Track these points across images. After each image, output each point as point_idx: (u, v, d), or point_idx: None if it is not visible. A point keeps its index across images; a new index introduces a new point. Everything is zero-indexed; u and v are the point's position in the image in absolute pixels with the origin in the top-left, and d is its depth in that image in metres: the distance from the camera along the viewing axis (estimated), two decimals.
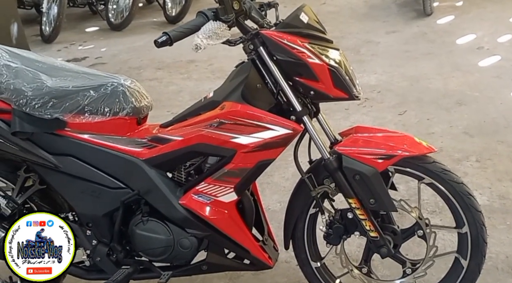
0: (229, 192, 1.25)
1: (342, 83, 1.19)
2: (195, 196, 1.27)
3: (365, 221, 1.23)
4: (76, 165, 1.32)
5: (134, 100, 1.34)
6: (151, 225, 1.31)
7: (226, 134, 1.22)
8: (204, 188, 1.26)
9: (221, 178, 1.24)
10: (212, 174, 1.26)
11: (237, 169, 1.23)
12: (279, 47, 1.18)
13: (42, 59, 1.39)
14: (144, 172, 1.29)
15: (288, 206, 1.35)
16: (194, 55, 3.83)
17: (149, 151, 1.30)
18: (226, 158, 1.24)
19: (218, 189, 1.26)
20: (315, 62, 1.17)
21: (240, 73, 1.27)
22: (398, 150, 1.19)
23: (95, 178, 1.32)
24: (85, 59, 4.23)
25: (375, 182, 1.19)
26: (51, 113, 1.30)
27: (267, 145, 1.20)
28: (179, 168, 1.33)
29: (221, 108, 1.24)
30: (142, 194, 1.30)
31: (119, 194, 1.31)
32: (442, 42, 3.67)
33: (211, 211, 1.27)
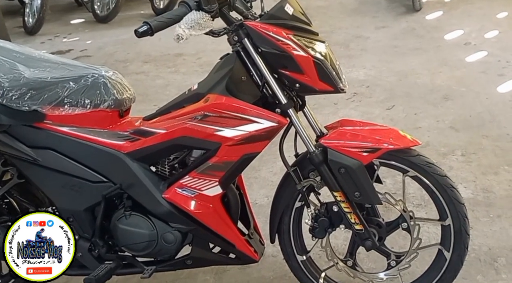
0: (214, 185, 1.24)
1: (327, 76, 1.19)
2: (179, 190, 1.26)
3: (350, 214, 1.24)
4: (55, 158, 1.29)
5: (116, 92, 1.32)
6: (134, 219, 1.29)
7: (210, 127, 1.21)
8: (188, 181, 1.25)
9: (206, 172, 1.23)
10: (196, 168, 1.25)
11: (221, 162, 1.22)
12: (263, 39, 1.17)
13: (20, 49, 1.36)
14: (126, 165, 1.28)
15: (274, 200, 1.35)
16: (181, 48, 3.80)
17: (132, 144, 1.28)
18: (210, 151, 1.23)
19: (203, 183, 1.24)
20: (300, 54, 1.16)
21: (225, 65, 1.25)
22: (383, 143, 1.20)
23: (75, 172, 1.30)
24: (69, 52, 4.16)
25: (360, 175, 1.19)
26: (29, 105, 1.27)
27: (252, 138, 1.19)
28: (163, 161, 1.32)
29: (205, 100, 1.23)
30: (124, 188, 1.29)
31: (101, 188, 1.29)
32: (431, 37, 3.69)
33: (195, 205, 1.26)
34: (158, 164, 1.32)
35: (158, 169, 1.33)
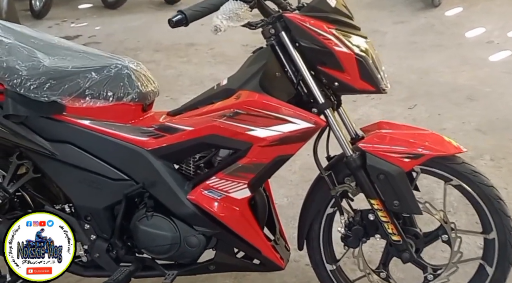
0: (242, 188, 1.18)
1: (369, 74, 1.11)
2: (205, 191, 1.20)
3: (388, 223, 1.17)
4: (74, 153, 1.23)
5: (140, 84, 1.25)
6: (156, 220, 1.23)
7: (241, 126, 1.14)
8: (215, 183, 1.19)
9: (234, 173, 1.17)
10: (224, 168, 1.18)
11: (252, 164, 1.15)
12: (303, 32, 1.09)
13: (38, 35, 1.28)
14: (149, 163, 1.21)
15: (304, 205, 1.28)
16: (193, 38, 3.71)
17: (156, 140, 1.21)
18: (240, 152, 1.16)
19: (231, 185, 1.18)
20: (342, 50, 1.09)
21: (258, 60, 1.18)
22: (426, 149, 1.12)
23: (95, 168, 1.23)
24: (77, 38, 4.07)
25: (400, 183, 1.12)
26: (48, 96, 1.20)
27: (286, 139, 1.12)
28: (188, 160, 1.25)
29: (237, 97, 1.16)
30: (146, 187, 1.22)
31: (122, 186, 1.22)
32: (451, 34, 3.60)
33: (221, 207, 1.20)
34: (183, 162, 1.26)
35: (182, 168, 1.26)
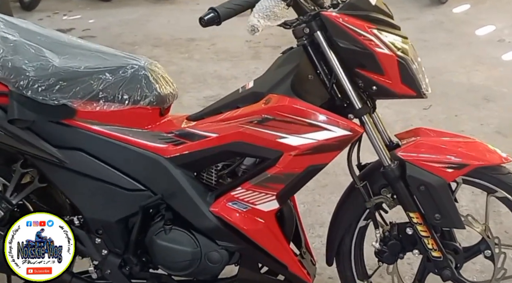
0: (270, 200, 1.11)
1: (411, 78, 1.04)
2: (229, 203, 1.12)
3: (428, 238, 1.11)
4: (86, 161, 1.14)
5: (158, 87, 1.16)
6: (175, 234, 1.15)
7: (271, 133, 1.06)
8: (241, 194, 1.11)
9: (262, 184, 1.09)
10: (250, 178, 1.11)
11: (282, 174, 1.08)
12: (342, 32, 1.02)
13: (45, 32, 1.19)
14: (168, 172, 1.13)
15: (335, 217, 1.21)
16: (194, 33, 3.61)
17: (175, 148, 1.14)
18: (269, 161, 1.09)
19: (258, 196, 1.11)
20: (384, 52, 1.02)
21: (289, 61, 1.10)
22: (470, 158, 1.06)
23: (108, 177, 1.15)
24: (71, 31, 3.94)
25: (442, 195, 1.06)
26: (57, 99, 1.12)
27: (320, 148, 1.05)
28: (209, 169, 1.17)
29: (266, 102, 1.09)
30: (165, 198, 1.14)
31: (138, 197, 1.15)
32: (461, 32, 3.56)
33: (247, 220, 1.13)
34: (204, 171, 1.18)
35: (203, 177, 1.18)
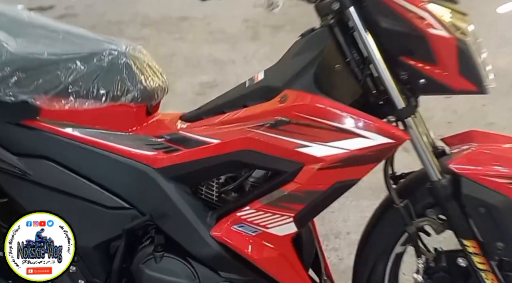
0: (286, 222, 0.91)
1: (472, 68, 0.83)
2: (234, 226, 0.93)
3: (486, 272, 0.90)
4: (53, 172, 0.94)
5: (143, 79, 0.95)
6: (168, 263, 0.96)
7: (289, 140, 0.85)
8: (249, 215, 0.91)
9: (277, 203, 0.89)
10: (261, 196, 0.90)
11: (302, 192, 0.87)
12: (385, 8, 0.80)
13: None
14: (158, 186, 0.93)
15: (365, 241, 1.01)
16: (186, 11, 3.35)
17: (167, 156, 0.93)
18: (286, 175, 0.88)
19: (270, 218, 0.91)
20: (440, 34, 0.80)
21: (310, 46, 0.88)
22: None
23: (82, 192, 0.95)
24: (52, 9, 3.64)
25: (507, 218, 0.85)
26: (15, 94, 0.90)
27: (352, 160, 0.84)
28: (209, 182, 0.96)
29: (282, 99, 0.87)
30: (155, 219, 0.93)
31: (120, 217, 0.95)
32: (481, 11, 3.30)
33: (257, 247, 0.93)
34: (203, 185, 0.97)
35: (202, 192, 0.97)
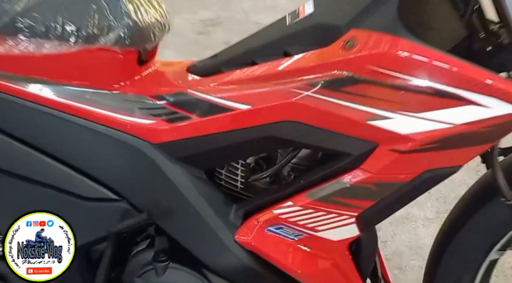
0: (345, 224, 0.65)
1: None
2: (270, 228, 0.67)
3: None
4: (5, 148, 0.69)
5: (133, 10, 0.66)
6: (174, 277, 0.71)
7: (356, 108, 0.57)
8: (292, 213, 0.65)
9: (332, 199, 0.64)
10: (310, 187, 0.64)
11: (372, 184, 0.61)
12: None
13: None
14: (159, 170, 0.66)
15: (447, 244, 0.77)
16: None
17: (171, 126, 0.65)
18: (348, 159, 0.61)
19: (323, 218, 0.66)
20: None
21: None
22: None
23: (50, 178, 0.70)
24: None
25: None
26: None
27: (457, 139, 0.57)
28: (232, 165, 0.69)
29: (347, 44, 0.57)
30: (155, 217, 0.68)
31: (104, 212, 0.71)
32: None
33: (301, 257, 0.70)
34: (223, 168, 0.70)
35: (221, 179, 0.71)
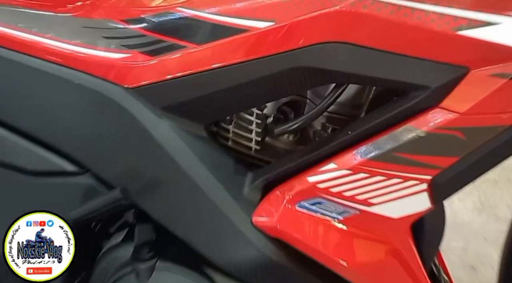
0: (414, 192, 0.46)
1: None
2: (302, 204, 0.48)
3: None
4: None
5: None
6: (164, 281, 0.52)
7: (438, 13, 0.38)
8: (334, 180, 0.47)
9: (396, 157, 0.44)
10: (362, 142, 0.45)
11: (459, 130, 0.42)
12: None
13: None
14: (138, 126, 0.49)
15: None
16: None
17: (154, 61, 0.47)
18: (424, 94, 0.41)
19: (380, 186, 0.46)
20: None
21: None
22: None
23: None
24: None
25: None
26: None
27: None
28: (242, 117, 0.52)
29: None
30: (133, 196, 0.51)
31: (59, 189, 0.57)
32: None
33: (348, 243, 0.50)
34: (230, 122, 0.52)
35: (227, 137, 0.54)
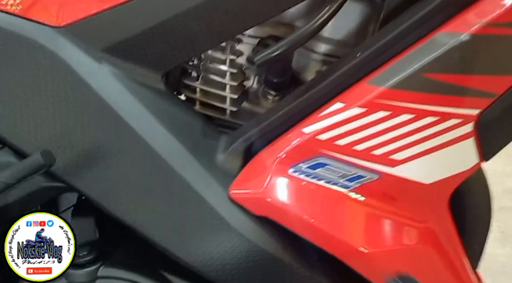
0: (454, 139, 0.32)
1: None
2: (299, 166, 0.35)
3: None
4: None
5: None
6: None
7: None
8: (342, 125, 0.34)
9: (421, 80, 0.32)
10: (371, 67, 0.34)
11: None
12: None
13: None
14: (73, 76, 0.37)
15: None
16: None
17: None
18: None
19: (407, 130, 0.33)
20: None
21: None
22: None
23: None
24: None
25: None
26: None
27: None
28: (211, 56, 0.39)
29: None
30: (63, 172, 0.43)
31: None
32: None
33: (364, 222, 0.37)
34: (196, 68, 0.39)
35: (192, 88, 0.42)
